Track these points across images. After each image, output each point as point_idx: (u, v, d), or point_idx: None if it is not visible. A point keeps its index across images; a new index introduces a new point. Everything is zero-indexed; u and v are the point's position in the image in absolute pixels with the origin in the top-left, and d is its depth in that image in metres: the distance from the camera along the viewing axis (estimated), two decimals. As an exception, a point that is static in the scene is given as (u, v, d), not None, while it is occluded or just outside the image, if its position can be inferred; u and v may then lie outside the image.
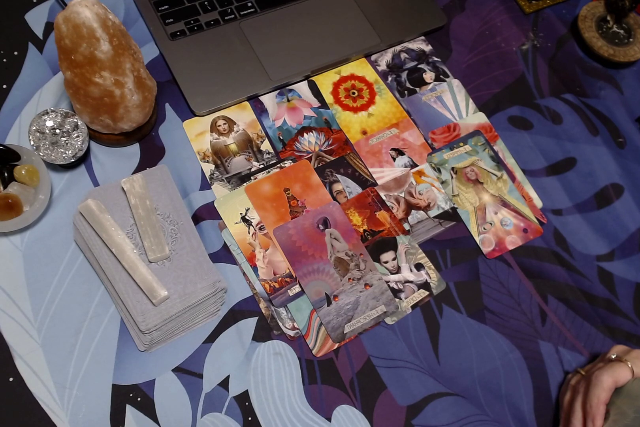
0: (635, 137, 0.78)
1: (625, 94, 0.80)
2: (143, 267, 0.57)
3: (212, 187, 0.67)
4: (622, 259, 0.71)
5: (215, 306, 0.60)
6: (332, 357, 0.62)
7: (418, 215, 0.68)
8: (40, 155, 0.61)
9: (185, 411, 0.58)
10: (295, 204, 0.67)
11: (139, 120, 0.64)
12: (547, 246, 0.70)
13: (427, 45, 0.78)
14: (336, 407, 0.60)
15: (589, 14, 0.81)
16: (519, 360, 0.64)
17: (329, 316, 0.62)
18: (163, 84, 0.70)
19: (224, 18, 0.73)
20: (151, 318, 0.56)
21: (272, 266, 0.64)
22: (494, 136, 0.73)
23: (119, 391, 0.58)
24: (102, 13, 0.54)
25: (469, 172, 0.71)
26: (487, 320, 0.65)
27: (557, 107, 0.77)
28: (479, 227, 0.69)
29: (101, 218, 0.58)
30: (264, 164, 0.69)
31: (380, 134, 0.71)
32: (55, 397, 0.57)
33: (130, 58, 0.58)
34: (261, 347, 0.61)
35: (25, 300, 0.60)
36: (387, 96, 0.74)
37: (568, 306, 0.67)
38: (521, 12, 0.82)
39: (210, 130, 0.69)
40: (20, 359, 0.58)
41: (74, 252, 0.62)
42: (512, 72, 0.78)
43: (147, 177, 0.61)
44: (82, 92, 0.58)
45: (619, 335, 0.67)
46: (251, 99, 0.71)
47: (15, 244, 0.62)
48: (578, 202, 0.73)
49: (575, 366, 0.65)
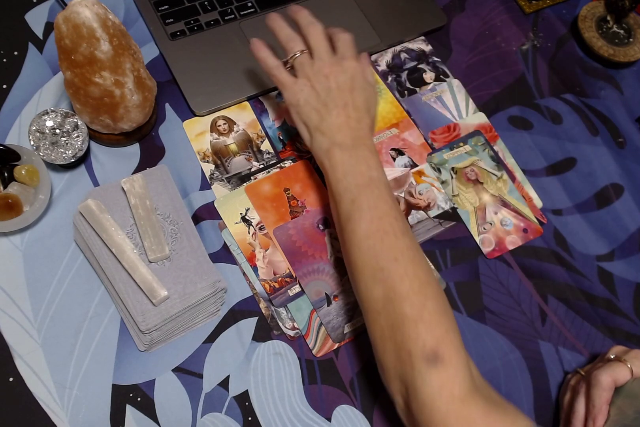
0: (635, 137, 0.78)
1: (625, 94, 0.80)
2: (143, 267, 0.57)
3: (212, 187, 0.67)
4: (622, 259, 0.71)
5: (215, 306, 0.60)
6: (332, 357, 0.62)
7: (418, 215, 0.68)
8: (40, 155, 0.61)
9: (185, 411, 0.58)
10: (295, 204, 0.67)
11: (139, 120, 0.64)
12: (547, 246, 0.70)
13: (427, 45, 0.78)
14: (336, 407, 0.60)
15: (589, 14, 0.81)
16: (519, 360, 0.64)
17: (329, 316, 0.62)
18: (163, 84, 0.70)
19: (224, 18, 0.73)
20: (151, 318, 0.56)
21: (272, 266, 0.64)
22: (494, 136, 0.73)
23: (119, 391, 0.58)
24: (102, 13, 0.54)
25: (469, 172, 0.71)
26: (487, 320, 0.65)
27: (557, 107, 0.77)
28: (479, 227, 0.69)
29: (101, 218, 0.58)
30: (264, 164, 0.69)
31: (380, 134, 0.72)
32: (55, 397, 0.57)
33: (130, 58, 0.58)
34: (261, 347, 0.61)
35: (25, 300, 0.60)
36: (387, 96, 0.74)
37: (568, 306, 0.67)
38: (521, 12, 0.82)
39: (210, 130, 0.69)
40: (20, 359, 0.58)
41: (74, 252, 0.62)
42: (512, 72, 0.78)
43: (147, 177, 0.61)
44: (82, 92, 0.58)
45: (619, 335, 0.67)
46: (251, 99, 0.71)
47: (15, 244, 0.62)
48: (578, 202, 0.73)
49: (575, 366, 0.65)
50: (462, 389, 0.46)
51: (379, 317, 0.51)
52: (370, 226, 0.53)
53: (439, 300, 0.50)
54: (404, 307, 0.49)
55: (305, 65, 0.59)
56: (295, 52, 0.60)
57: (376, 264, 0.51)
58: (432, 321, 0.48)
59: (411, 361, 0.47)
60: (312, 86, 0.58)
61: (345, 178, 0.55)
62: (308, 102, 0.58)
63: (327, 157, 0.57)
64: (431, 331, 0.48)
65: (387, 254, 0.51)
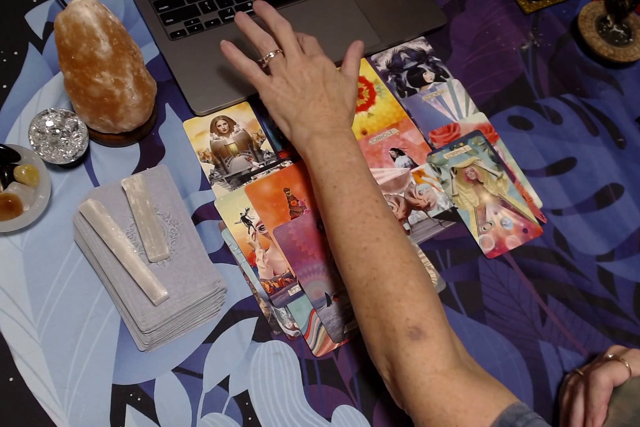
0: (635, 137, 0.78)
1: (625, 94, 0.80)
2: (143, 267, 0.57)
3: (212, 187, 0.67)
4: (622, 259, 0.71)
5: (215, 306, 0.60)
6: (332, 357, 0.62)
7: (418, 215, 0.68)
8: (40, 155, 0.61)
9: (185, 411, 0.58)
10: (295, 204, 0.67)
11: (139, 120, 0.64)
12: (547, 245, 0.70)
13: (427, 45, 0.78)
14: (336, 407, 0.60)
15: (589, 14, 0.81)
16: (519, 360, 0.64)
17: (329, 316, 0.62)
18: (163, 84, 0.70)
19: (224, 18, 0.73)
20: (151, 318, 0.56)
21: (272, 266, 0.64)
22: (494, 136, 0.73)
23: (119, 391, 0.58)
24: (102, 13, 0.54)
25: (469, 172, 0.71)
26: (487, 320, 0.65)
27: (557, 107, 0.77)
28: (479, 227, 0.69)
29: (101, 218, 0.58)
30: (264, 164, 0.69)
31: (380, 134, 0.72)
32: (55, 397, 0.57)
33: (130, 58, 0.58)
34: (261, 347, 0.61)
35: (25, 300, 0.60)
36: (387, 96, 0.74)
37: (568, 306, 0.67)
38: (521, 12, 0.82)
39: (210, 130, 0.69)
40: (20, 359, 0.58)
41: (74, 252, 0.62)
42: (512, 72, 0.78)
43: (147, 177, 0.61)
44: (82, 92, 0.58)
45: (619, 335, 0.67)
46: (251, 99, 0.71)
47: (15, 244, 0.62)
48: (578, 202, 0.73)
49: (575, 366, 0.65)
50: (445, 363, 0.47)
51: (363, 296, 0.52)
52: (352, 209, 0.54)
53: (421, 277, 0.52)
54: (387, 285, 0.50)
55: (279, 64, 0.62)
56: (270, 52, 0.62)
57: (359, 244, 0.53)
58: (414, 297, 0.50)
59: (395, 337, 0.48)
60: (288, 83, 0.61)
61: (326, 165, 0.57)
62: (285, 98, 0.61)
63: (309, 146, 0.59)
64: (414, 308, 0.49)
65: (369, 234, 0.53)
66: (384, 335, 0.50)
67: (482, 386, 0.47)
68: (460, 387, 0.46)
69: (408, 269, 0.51)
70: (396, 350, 0.48)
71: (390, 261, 0.51)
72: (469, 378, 0.47)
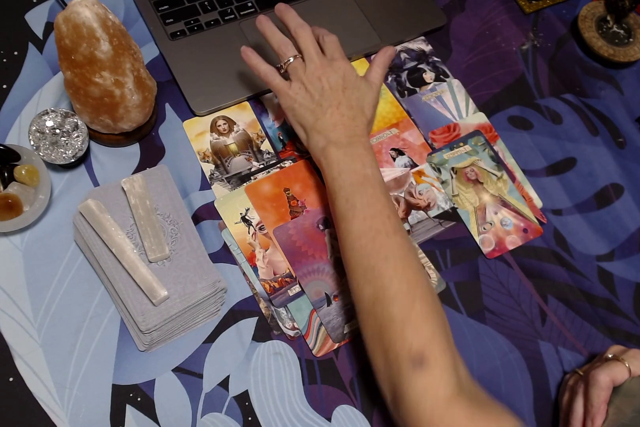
0: (635, 137, 0.78)
1: (625, 94, 0.80)
2: (143, 267, 0.57)
3: (212, 187, 0.67)
4: (622, 259, 0.71)
5: (215, 306, 0.60)
6: (332, 357, 0.62)
7: (418, 215, 0.68)
8: (40, 155, 0.61)
9: (185, 411, 0.58)
10: (295, 204, 0.67)
11: (139, 120, 0.64)
12: (547, 245, 0.70)
13: (427, 45, 0.78)
14: (336, 407, 0.60)
15: (589, 14, 0.81)
16: (519, 360, 0.64)
17: (329, 316, 0.62)
18: (163, 84, 0.70)
19: (224, 18, 0.73)
20: (151, 318, 0.56)
21: (272, 266, 0.64)
22: (494, 136, 0.73)
23: (119, 391, 0.58)
24: (102, 13, 0.54)
25: (469, 172, 0.71)
26: (487, 320, 0.65)
27: (557, 107, 0.77)
28: (479, 227, 0.69)
29: (101, 218, 0.58)
30: (264, 164, 0.69)
31: (380, 134, 0.72)
32: (55, 397, 0.57)
33: (130, 58, 0.58)
34: (261, 347, 0.61)
35: (25, 300, 0.60)
36: (387, 96, 0.74)
37: (568, 306, 0.67)
38: (521, 12, 0.82)
39: (210, 130, 0.69)
40: (20, 359, 0.58)
41: (74, 252, 0.62)
42: (512, 72, 0.78)
43: (147, 177, 0.61)
44: (82, 92, 0.58)
45: (619, 335, 0.67)
46: (251, 99, 0.71)
47: (15, 244, 0.62)
48: (578, 202, 0.73)
49: (575, 366, 0.65)
50: (447, 390, 0.46)
51: (368, 318, 0.51)
52: (362, 225, 0.53)
53: (428, 300, 0.50)
54: (392, 309, 0.49)
55: (298, 70, 0.60)
56: (289, 57, 0.61)
57: (367, 263, 0.52)
58: (419, 322, 0.49)
59: (398, 363, 0.48)
60: (306, 89, 0.60)
61: (340, 176, 0.56)
62: (303, 104, 0.60)
63: (324, 156, 0.58)
64: (417, 333, 0.48)
65: (377, 253, 0.52)
66: (387, 360, 0.49)
67: (484, 413, 0.46)
68: (462, 415, 0.45)
69: (415, 292, 0.50)
70: (399, 376, 0.48)
71: (396, 283, 0.50)
72: (471, 405, 0.46)
